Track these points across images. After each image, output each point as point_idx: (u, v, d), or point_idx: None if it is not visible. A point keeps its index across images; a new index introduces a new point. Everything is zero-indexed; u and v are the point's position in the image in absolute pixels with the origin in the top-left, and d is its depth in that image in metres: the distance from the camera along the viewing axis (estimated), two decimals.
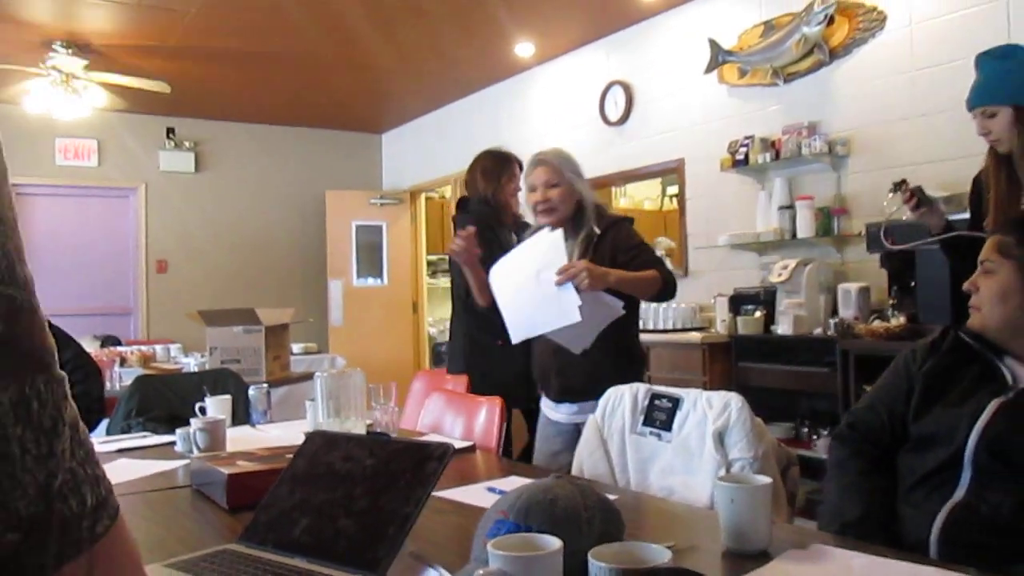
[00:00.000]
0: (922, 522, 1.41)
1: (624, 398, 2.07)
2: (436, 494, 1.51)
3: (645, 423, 1.99)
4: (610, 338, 2.46)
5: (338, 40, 5.54)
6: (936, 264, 3.28)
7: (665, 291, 2.51)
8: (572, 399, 2.54)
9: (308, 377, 3.93)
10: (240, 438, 2.37)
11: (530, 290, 2.37)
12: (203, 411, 2.50)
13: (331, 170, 8.22)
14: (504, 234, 3.28)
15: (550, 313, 2.29)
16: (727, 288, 4.48)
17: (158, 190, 7.44)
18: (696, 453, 1.85)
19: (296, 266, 7.99)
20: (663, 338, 4.50)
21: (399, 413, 2.47)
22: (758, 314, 4.13)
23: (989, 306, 1.53)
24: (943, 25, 3.74)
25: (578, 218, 2.54)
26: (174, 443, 2.31)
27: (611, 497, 1.16)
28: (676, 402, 1.95)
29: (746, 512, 1.23)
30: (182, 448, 2.25)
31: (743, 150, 4.46)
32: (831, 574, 1.15)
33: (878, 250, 3.64)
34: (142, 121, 7.33)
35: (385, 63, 6.11)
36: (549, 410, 2.64)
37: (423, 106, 7.50)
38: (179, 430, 2.28)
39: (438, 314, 8.63)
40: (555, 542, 0.96)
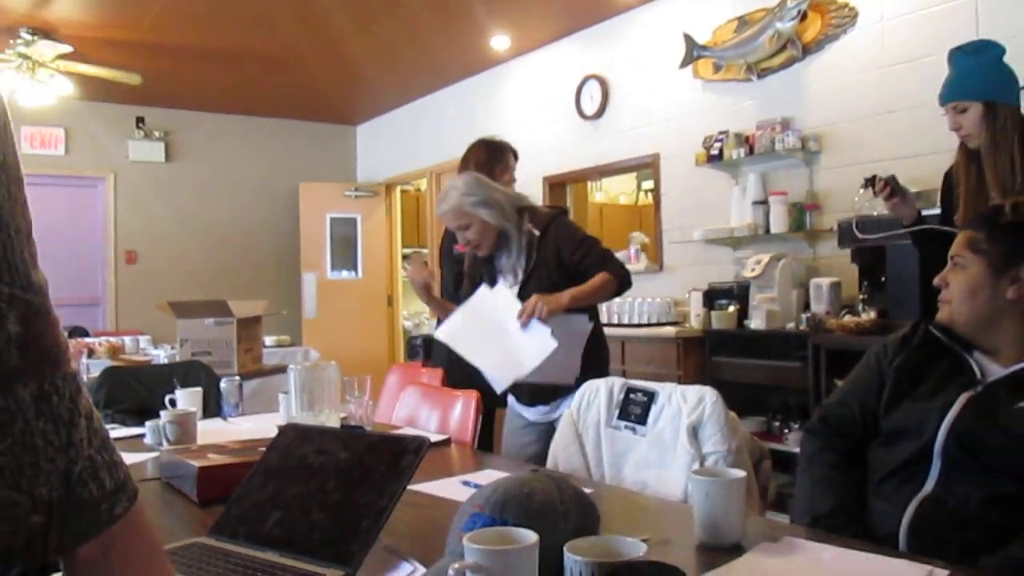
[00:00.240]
0: (892, 515, 1.42)
1: (600, 392, 2.07)
2: (410, 488, 1.50)
3: (620, 417, 2.00)
4: None
5: (312, 30, 5.49)
6: (906, 259, 3.32)
7: (620, 289, 2.53)
8: (544, 401, 2.57)
9: (281, 370, 3.89)
10: (211, 431, 2.35)
11: (500, 340, 2.42)
12: (173, 403, 2.47)
13: (305, 162, 8.15)
14: None
15: (527, 352, 2.35)
16: (701, 283, 4.51)
17: (127, 180, 7.34)
18: (670, 447, 1.86)
19: (269, 258, 7.92)
20: (638, 332, 4.52)
21: (373, 406, 2.46)
22: (732, 309, 4.16)
23: (958, 301, 1.54)
24: (914, 22, 3.78)
25: (504, 235, 2.57)
26: (143, 436, 2.28)
27: (586, 491, 1.16)
28: (651, 396, 1.96)
29: (720, 505, 1.24)
30: (151, 441, 2.22)
31: (717, 145, 4.49)
32: (802, 566, 1.16)
33: (849, 245, 3.68)
34: (111, 110, 7.21)
35: (360, 54, 6.06)
36: (520, 408, 2.65)
37: (398, 98, 7.46)
38: (148, 422, 2.25)
39: (413, 307, 8.60)
40: (531, 536, 0.96)
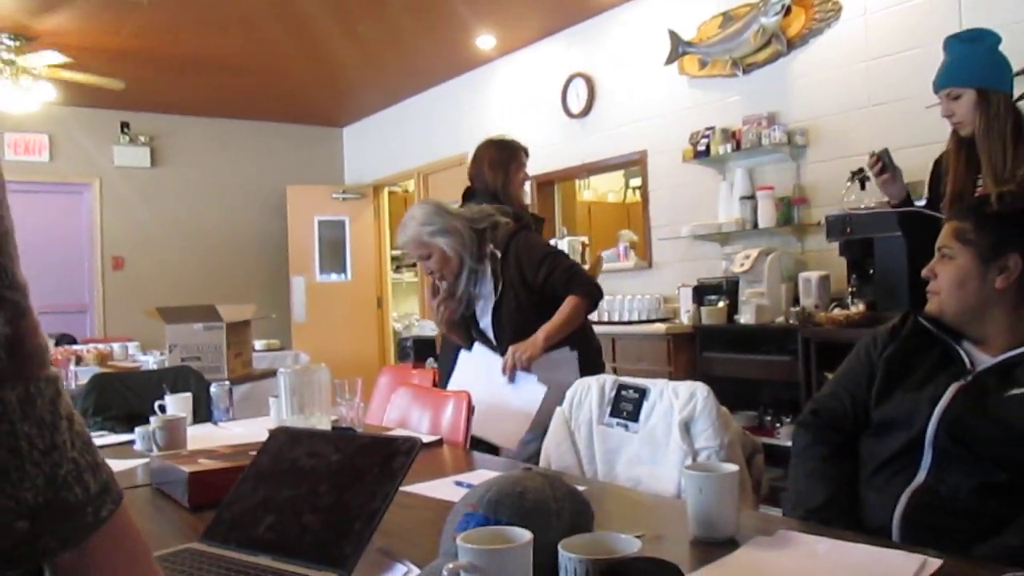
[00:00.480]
0: (884, 506, 1.43)
1: (591, 390, 2.07)
2: (403, 489, 1.49)
3: (612, 414, 2.00)
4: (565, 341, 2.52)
5: (297, 33, 5.47)
6: (894, 252, 3.34)
7: (592, 306, 2.51)
8: None
9: (271, 374, 3.88)
10: (202, 436, 2.34)
11: (497, 399, 2.44)
12: (163, 409, 2.45)
13: (291, 165, 8.11)
14: None
15: (523, 403, 2.38)
16: (691, 279, 4.52)
17: (113, 186, 7.30)
18: (663, 443, 1.86)
19: (257, 262, 7.89)
20: (628, 330, 4.52)
21: (364, 408, 2.45)
22: (721, 304, 4.17)
23: (947, 291, 1.54)
24: (897, 15, 3.80)
25: (468, 259, 2.57)
26: (133, 442, 2.26)
27: (579, 488, 1.16)
28: (643, 393, 1.96)
29: (714, 500, 1.24)
30: (141, 447, 2.20)
31: (704, 141, 4.49)
32: (797, 559, 1.16)
33: (838, 238, 3.69)
34: (95, 115, 7.16)
35: (345, 56, 6.04)
36: None
37: (384, 99, 7.45)
38: (138, 428, 2.24)
39: (403, 309, 8.59)
40: (525, 534, 0.96)
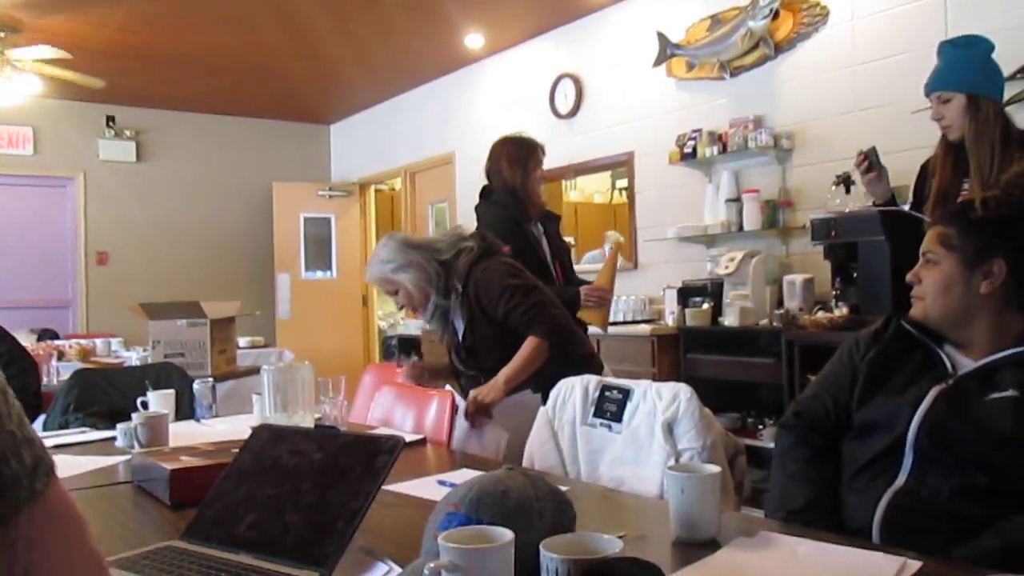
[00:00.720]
0: (865, 508, 1.44)
1: (575, 390, 2.07)
2: (386, 487, 1.49)
3: (595, 414, 2.00)
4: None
5: (286, 28, 5.45)
6: (877, 255, 3.36)
7: (554, 346, 2.43)
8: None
9: (255, 371, 3.86)
10: (184, 433, 2.32)
11: (459, 443, 2.41)
12: (145, 406, 2.44)
13: (278, 161, 8.08)
14: (531, 228, 3.16)
15: (490, 448, 2.34)
16: (676, 280, 4.53)
17: (97, 180, 7.24)
18: (646, 444, 1.86)
19: (242, 259, 7.85)
20: (612, 330, 4.51)
21: (348, 407, 2.44)
22: (706, 306, 4.18)
23: (932, 297, 1.55)
24: (884, 20, 3.83)
25: (433, 294, 2.55)
26: (114, 439, 2.25)
27: (562, 488, 1.16)
28: (626, 393, 1.96)
29: (696, 501, 1.24)
30: (123, 444, 2.19)
31: (691, 143, 4.51)
32: (778, 560, 1.17)
33: (822, 241, 3.71)
34: (80, 108, 7.11)
35: (334, 52, 6.03)
36: None
37: (372, 97, 7.43)
38: (120, 425, 2.22)
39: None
40: (507, 534, 0.96)
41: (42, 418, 3.02)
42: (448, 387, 2.67)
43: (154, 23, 5.26)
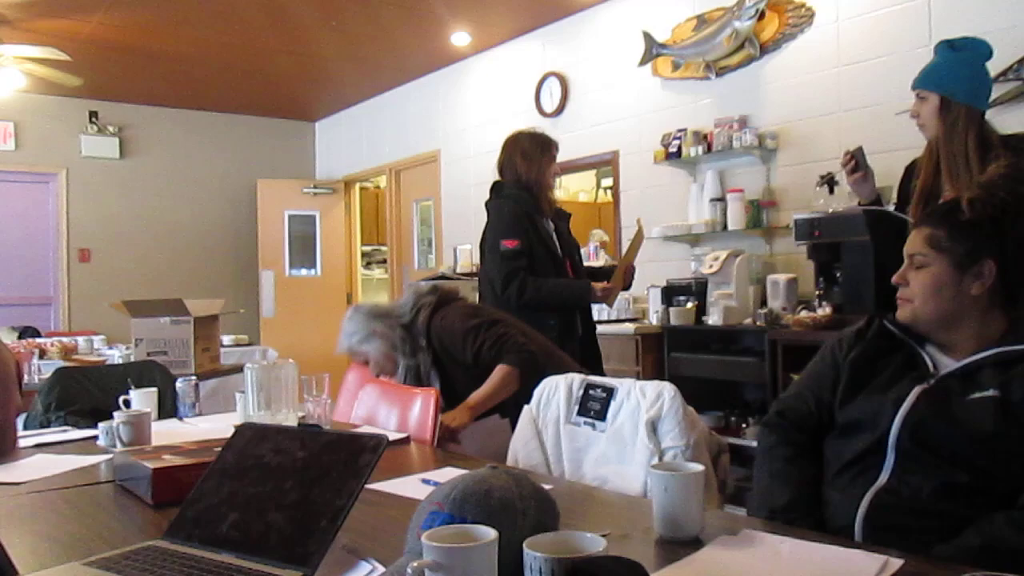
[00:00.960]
0: (847, 506, 1.44)
1: (559, 388, 2.07)
2: (369, 486, 1.49)
3: (580, 413, 2.00)
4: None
5: (272, 24, 5.42)
6: (860, 256, 3.38)
7: (525, 375, 2.42)
8: None
9: (238, 369, 3.84)
10: (167, 432, 2.31)
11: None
12: (127, 404, 2.42)
13: (263, 158, 8.05)
14: (544, 224, 3.14)
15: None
16: (660, 279, 4.54)
17: (80, 176, 7.18)
18: (629, 442, 1.87)
19: (227, 256, 7.81)
20: (597, 329, 4.52)
21: (332, 405, 2.43)
22: (690, 305, 4.20)
23: (922, 299, 1.53)
24: (868, 22, 3.85)
25: (400, 358, 2.61)
26: (96, 437, 2.23)
27: (546, 487, 1.16)
28: (610, 392, 1.96)
29: (679, 499, 1.24)
30: (105, 442, 2.17)
31: (676, 143, 4.52)
32: (761, 559, 1.17)
33: (806, 241, 3.73)
34: (63, 104, 7.05)
35: (320, 49, 6.00)
36: None
37: (357, 94, 7.41)
38: (102, 424, 2.20)
39: None
40: (490, 533, 0.96)
41: (23, 417, 3.00)
42: None
43: (137, 17, 5.22)
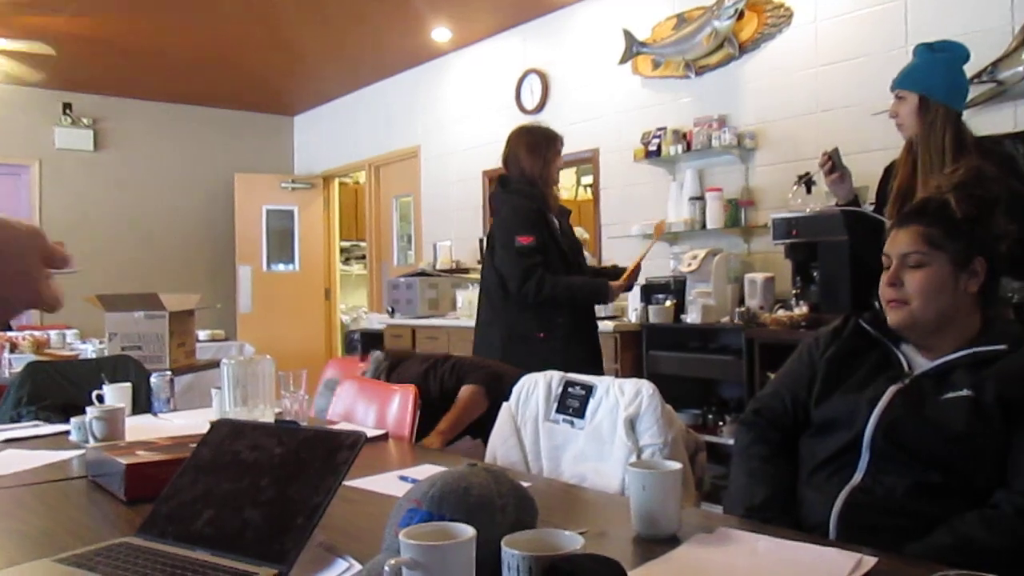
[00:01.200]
0: (823, 504, 1.45)
1: (538, 386, 2.07)
2: (347, 483, 1.48)
3: (558, 410, 2.00)
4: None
5: (250, 16, 5.37)
6: (837, 255, 3.41)
7: (492, 393, 2.44)
8: None
9: (214, 365, 3.82)
10: (141, 427, 2.28)
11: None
12: (100, 399, 2.39)
13: (240, 152, 7.98)
14: (552, 220, 3.12)
15: None
16: (639, 277, 4.54)
17: (54, 168, 7.09)
18: (608, 440, 1.87)
19: (203, 251, 7.74)
20: None
21: (309, 401, 2.42)
22: (668, 303, 4.21)
23: (922, 300, 1.49)
24: (846, 23, 3.88)
25: None
26: (68, 433, 2.20)
27: (524, 484, 1.16)
28: (589, 390, 1.97)
29: (657, 497, 1.25)
30: (77, 438, 2.14)
31: (655, 141, 4.53)
32: (737, 556, 1.18)
33: (783, 241, 3.76)
34: (36, 95, 6.95)
35: (299, 43, 5.96)
36: None
37: (336, 89, 7.36)
38: (74, 419, 2.18)
39: (351, 301, 8.52)
40: (468, 530, 0.95)
41: None
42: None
43: (112, 8, 5.15)
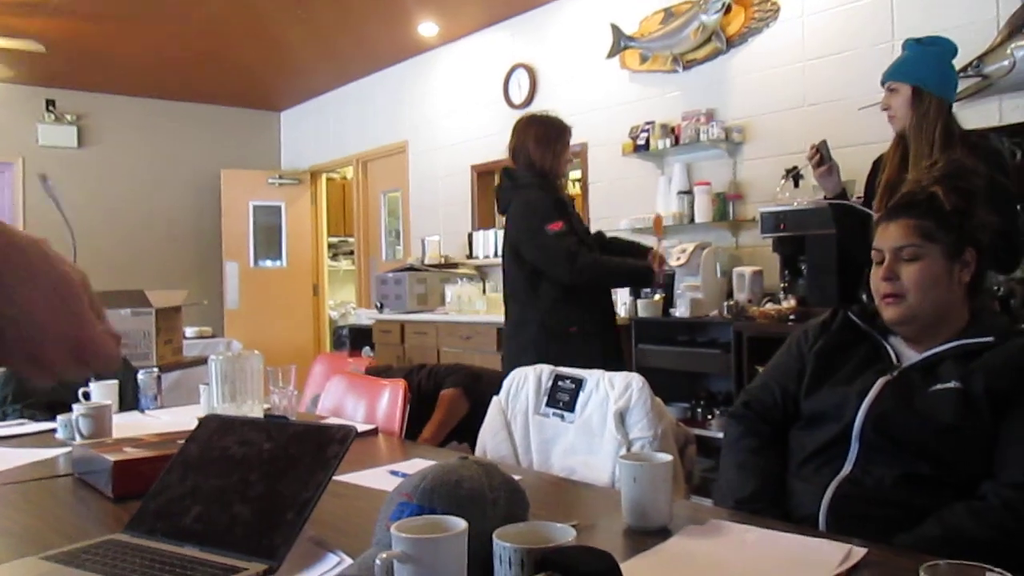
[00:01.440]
0: (812, 495, 1.46)
1: (528, 379, 2.07)
2: (337, 478, 1.47)
3: (548, 404, 2.00)
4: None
5: (236, 11, 5.33)
6: (825, 248, 3.42)
7: (471, 393, 2.47)
8: None
9: (202, 361, 3.79)
10: (128, 424, 2.27)
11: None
12: (87, 396, 2.37)
13: (227, 148, 7.93)
14: (571, 206, 3.09)
15: None
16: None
17: (37, 165, 7.02)
18: (598, 433, 1.87)
19: (190, 247, 7.70)
20: None
21: (298, 397, 2.41)
22: (657, 297, 4.22)
23: (920, 293, 1.48)
24: (833, 18, 3.89)
25: None
26: (54, 431, 2.18)
27: (515, 477, 1.15)
28: (579, 383, 1.97)
29: (648, 489, 1.25)
30: (63, 435, 2.12)
31: (644, 135, 4.54)
32: (727, 548, 1.18)
33: (771, 234, 3.77)
34: (18, 92, 6.89)
35: (286, 37, 5.92)
36: None
37: (323, 84, 7.33)
38: (60, 416, 2.16)
39: (339, 297, 8.49)
40: (459, 523, 0.95)
41: None
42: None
43: (96, 2, 5.10)
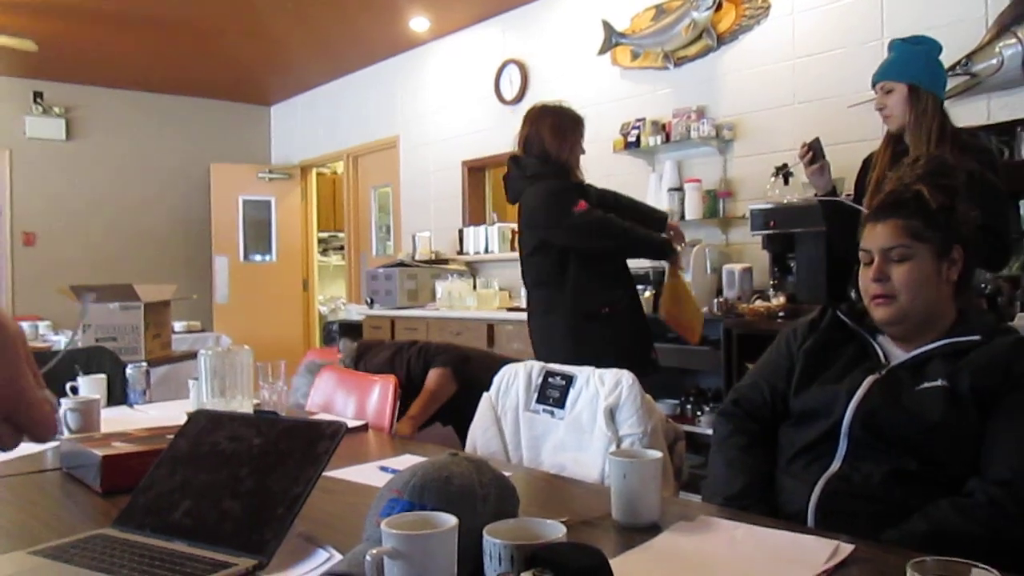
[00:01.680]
0: (801, 492, 1.47)
1: (518, 376, 2.07)
2: (327, 474, 1.47)
3: (539, 400, 2.00)
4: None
5: (228, 3, 5.30)
6: (814, 246, 3.44)
7: (458, 372, 2.47)
8: None
9: (191, 356, 3.79)
10: (116, 419, 2.26)
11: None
12: (75, 391, 2.36)
13: (216, 142, 7.90)
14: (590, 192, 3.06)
15: None
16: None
17: (25, 158, 6.98)
18: (588, 430, 1.88)
19: (179, 241, 7.67)
20: None
21: (288, 392, 2.40)
22: (648, 294, 4.22)
23: (911, 294, 1.48)
24: (822, 16, 3.90)
25: None
26: None
27: (505, 474, 1.16)
28: (569, 380, 1.97)
29: (637, 486, 1.25)
30: None
31: (635, 132, 4.54)
32: (716, 544, 1.19)
33: (761, 232, 3.78)
34: (6, 84, 6.84)
35: (277, 31, 5.89)
36: None
37: (314, 78, 7.30)
38: None
39: (329, 292, 8.47)
40: (450, 519, 0.95)
41: None
42: None
43: None
